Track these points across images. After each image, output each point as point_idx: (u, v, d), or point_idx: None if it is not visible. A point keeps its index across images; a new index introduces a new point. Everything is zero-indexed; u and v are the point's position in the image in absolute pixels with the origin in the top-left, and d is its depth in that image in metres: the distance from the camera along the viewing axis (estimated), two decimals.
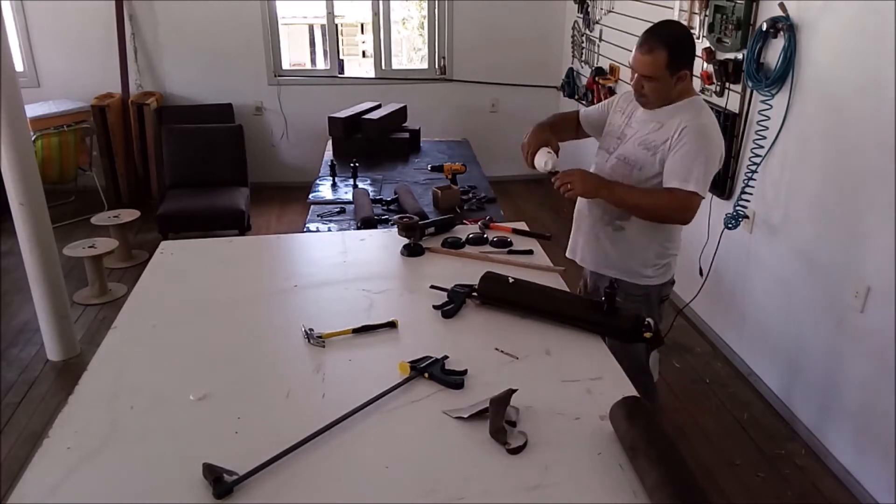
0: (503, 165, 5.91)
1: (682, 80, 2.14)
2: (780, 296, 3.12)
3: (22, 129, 3.20)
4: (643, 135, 2.22)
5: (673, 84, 2.14)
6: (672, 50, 2.08)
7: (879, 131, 2.47)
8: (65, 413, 1.59)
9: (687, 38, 2.17)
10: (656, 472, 1.32)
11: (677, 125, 2.13)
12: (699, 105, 2.20)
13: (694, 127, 2.11)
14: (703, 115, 2.17)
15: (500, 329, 1.95)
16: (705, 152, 2.11)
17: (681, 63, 2.11)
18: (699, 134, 2.11)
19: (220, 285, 2.23)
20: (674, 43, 2.10)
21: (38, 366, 3.49)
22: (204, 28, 5.54)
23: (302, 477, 1.39)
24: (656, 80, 2.12)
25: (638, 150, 2.22)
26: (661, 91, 2.16)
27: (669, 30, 2.17)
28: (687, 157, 2.10)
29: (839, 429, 2.78)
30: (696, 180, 2.09)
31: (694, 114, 2.15)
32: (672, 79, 2.12)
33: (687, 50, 2.14)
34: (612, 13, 4.75)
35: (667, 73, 2.10)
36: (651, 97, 2.19)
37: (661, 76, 2.11)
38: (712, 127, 2.17)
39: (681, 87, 2.17)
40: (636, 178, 2.22)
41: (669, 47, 2.08)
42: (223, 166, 4.96)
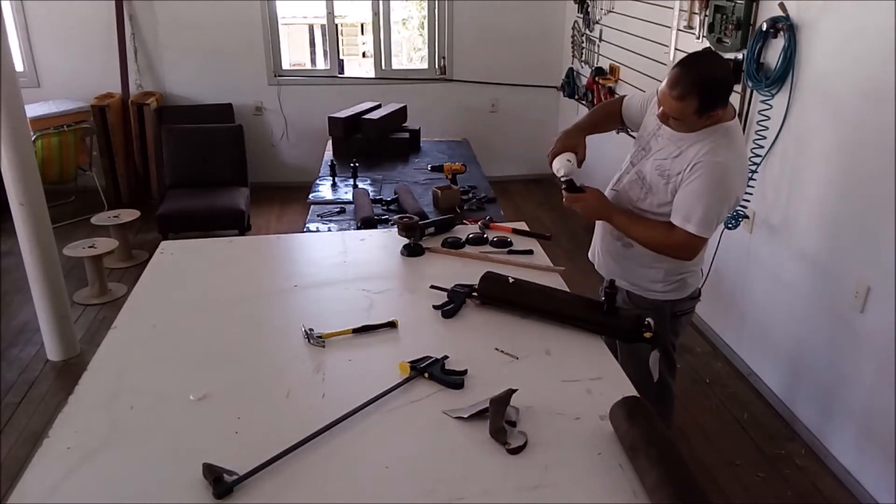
0: (503, 165, 5.92)
1: (712, 118, 1.97)
2: (780, 296, 3.12)
3: (22, 129, 3.20)
4: (662, 158, 2.09)
5: (704, 121, 1.97)
6: (704, 98, 1.90)
7: (879, 131, 2.47)
8: (65, 413, 1.59)
9: (722, 81, 1.95)
10: (656, 472, 1.32)
11: (693, 157, 1.99)
12: (725, 136, 2.00)
13: (708, 164, 1.96)
14: (725, 150, 1.98)
15: (500, 329, 1.95)
16: (715, 193, 1.97)
17: (713, 107, 1.93)
18: (712, 172, 1.96)
19: (220, 285, 2.23)
20: (707, 89, 1.90)
21: (38, 366, 3.49)
22: (204, 28, 5.54)
23: (302, 477, 1.39)
24: (683, 121, 1.98)
25: (654, 173, 2.10)
26: (689, 127, 2.00)
27: (704, 71, 1.92)
28: (692, 195, 1.98)
29: (839, 429, 2.78)
30: (697, 222, 1.99)
31: (714, 147, 1.97)
32: (702, 119, 1.96)
33: (722, 94, 1.94)
34: (612, 13, 4.75)
35: (695, 116, 1.94)
36: (676, 128, 2.03)
37: (690, 119, 1.96)
38: (731, 165, 1.99)
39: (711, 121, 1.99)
40: (648, 202, 2.13)
41: (701, 96, 1.89)
42: (223, 166, 4.96)
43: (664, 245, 2.10)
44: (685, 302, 2.31)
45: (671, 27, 3.89)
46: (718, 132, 2.00)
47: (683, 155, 2.03)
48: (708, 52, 2.07)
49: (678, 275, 2.23)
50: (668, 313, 2.27)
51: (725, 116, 2.02)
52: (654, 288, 2.24)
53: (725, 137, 2.00)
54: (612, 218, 2.17)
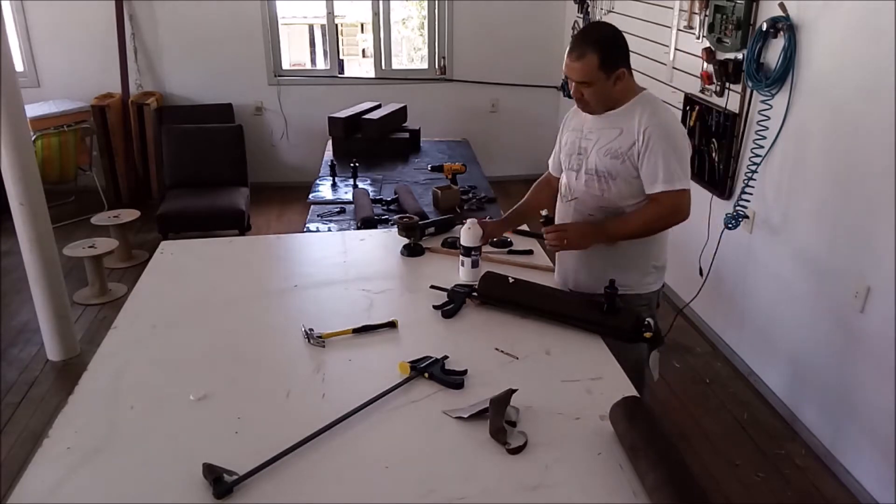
0: (503, 165, 5.91)
1: (620, 80, 2.06)
2: (781, 296, 3.12)
3: (22, 129, 3.20)
4: (605, 143, 2.13)
5: (612, 85, 2.06)
6: (603, 51, 2.01)
7: (879, 131, 2.47)
8: (65, 413, 1.59)
9: (616, 37, 2.09)
10: (656, 472, 1.32)
11: (638, 128, 2.06)
12: (650, 101, 2.12)
13: (656, 125, 2.05)
14: (660, 110, 2.10)
15: (500, 329, 1.95)
16: (676, 147, 2.06)
17: (615, 62, 2.03)
18: (664, 131, 2.05)
19: (220, 285, 2.23)
20: (603, 43, 2.03)
21: (38, 366, 3.49)
22: (204, 28, 5.54)
23: (302, 477, 1.39)
24: (594, 84, 2.05)
25: (605, 159, 2.12)
26: (602, 94, 2.08)
27: (598, 31, 2.12)
28: (662, 158, 2.03)
29: (839, 428, 2.78)
30: (679, 177, 2.04)
31: (650, 112, 2.07)
32: (610, 80, 2.04)
33: (618, 48, 2.06)
34: (612, 13, 4.74)
35: (602, 74, 2.02)
36: (593, 102, 2.10)
37: (597, 79, 2.03)
38: (672, 120, 2.14)
39: (622, 87, 2.08)
40: (615, 189, 2.13)
41: (600, 49, 2.01)
42: (223, 166, 4.96)
43: (664, 217, 2.10)
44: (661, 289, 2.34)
45: (671, 27, 3.89)
46: (644, 100, 2.10)
47: (626, 131, 2.08)
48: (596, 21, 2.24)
49: (660, 260, 2.26)
50: (655, 304, 2.29)
51: (636, 87, 2.13)
52: (646, 280, 2.23)
53: (652, 103, 2.11)
54: (606, 229, 2.12)
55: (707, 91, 3.56)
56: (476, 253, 2.20)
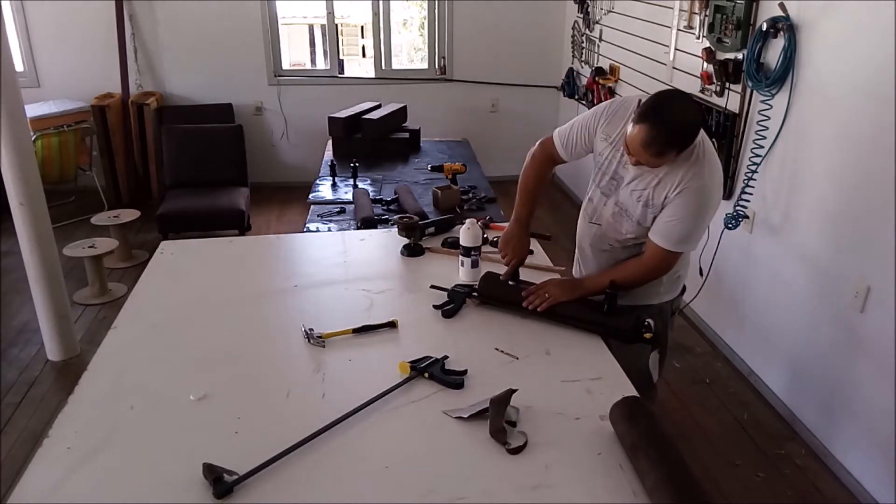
0: (503, 165, 5.89)
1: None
2: (781, 296, 3.12)
3: (22, 129, 3.20)
4: (640, 188, 1.99)
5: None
6: (682, 146, 1.83)
7: (879, 131, 2.47)
8: (65, 413, 1.59)
9: (694, 124, 1.86)
10: (656, 472, 1.32)
11: (676, 183, 1.90)
12: (703, 156, 1.92)
13: (693, 189, 1.89)
14: (706, 171, 1.91)
15: (500, 329, 1.95)
16: (699, 216, 1.94)
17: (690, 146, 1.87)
18: (700, 196, 1.90)
19: (220, 285, 2.23)
20: (682, 139, 1.82)
21: (38, 366, 3.49)
22: (204, 28, 5.54)
23: (302, 477, 1.39)
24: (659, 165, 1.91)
25: (637, 204, 2.00)
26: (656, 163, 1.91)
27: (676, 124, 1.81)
28: (684, 222, 1.93)
29: (839, 428, 2.78)
30: (677, 241, 1.95)
31: (697, 171, 1.89)
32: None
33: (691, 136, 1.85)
34: (612, 13, 4.74)
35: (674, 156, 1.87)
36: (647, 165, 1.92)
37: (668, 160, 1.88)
38: (714, 184, 1.93)
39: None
40: (640, 231, 2.03)
41: (679, 146, 1.82)
42: (223, 166, 4.96)
43: (651, 273, 2.04)
44: (678, 298, 2.31)
45: (671, 27, 3.88)
46: (697, 156, 1.91)
47: (663, 182, 1.94)
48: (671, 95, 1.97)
49: (676, 276, 2.21)
50: (669, 313, 2.27)
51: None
52: (658, 293, 2.19)
53: (704, 160, 1.92)
54: (585, 286, 2.06)
55: (707, 91, 3.55)
56: (476, 253, 2.20)
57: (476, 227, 2.21)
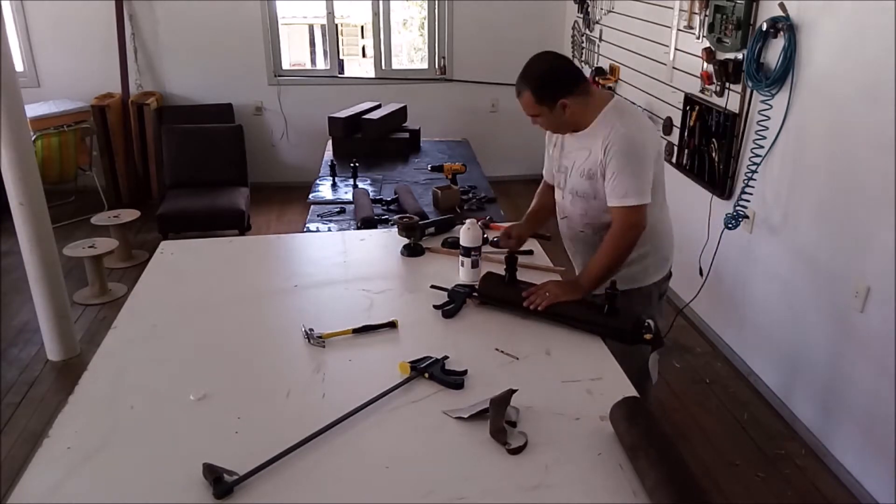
0: (503, 165, 5.91)
1: (567, 107, 2.06)
2: (780, 296, 3.12)
3: (22, 129, 3.20)
4: (579, 165, 2.16)
5: (561, 114, 2.07)
6: (536, 88, 2.05)
7: (879, 131, 2.47)
8: (65, 413, 1.59)
9: (553, 70, 2.09)
10: (656, 472, 1.32)
11: (602, 146, 2.05)
12: (615, 114, 2.09)
13: (615, 140, 2.03)
14: (623, 122, 2.07)
15: (500, 329, 1.96)
16: (633, 161, 2.04)
17: (552, 96, 2.05)
18: (623, 145, 2.03)
19: (220, 285, 2.23)
20: (537, 81, 2.06)
21: (38, 366, 3.49)
22: (204, 28, 5.54)
23: (302, 477, 1.39)
24: (541, 116, 2.10)
25: (582, 181, 2.16)
26: (554, 123, 2.13)
27: (532, 68, 2.09)
28: (619, 174, 2.03)
29: (839, 428, 2.78)
30: (632, 193, 2.03)
31: (613, 127, 2.05)
32: (554, 111, 2.06)
33: (553, 82, 2.06)
34: (612, 13, 4.75)
35: (544, 108, 2.07)
36: (551, 128, 2.18)
37: (540, 112, 2.09)
38: (635, 130, 2.07)
39: (575, 112, 2.08)
40: (597, 206, 2.15)
41: (533, 87, 2.05)
42: (223, 166, 4.96)
43: (623, 238, 2.07)
44: (664, 282, 2.34)
45: (671, 27, 3.88)
46: (606, 115, 2.08)
47: (593, 151, 2.09)
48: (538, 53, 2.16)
49: (660, 252, 2.27)
50: (657, 298, 2.29)
51: (598, 103, 2.10)
52: (646, 273, 2.25)
53: (613, 114, 2.09)
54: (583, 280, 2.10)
55: (707, 91, 3.55)
56: (476, 253, 2.20)
57: (476, 227, 2.21)
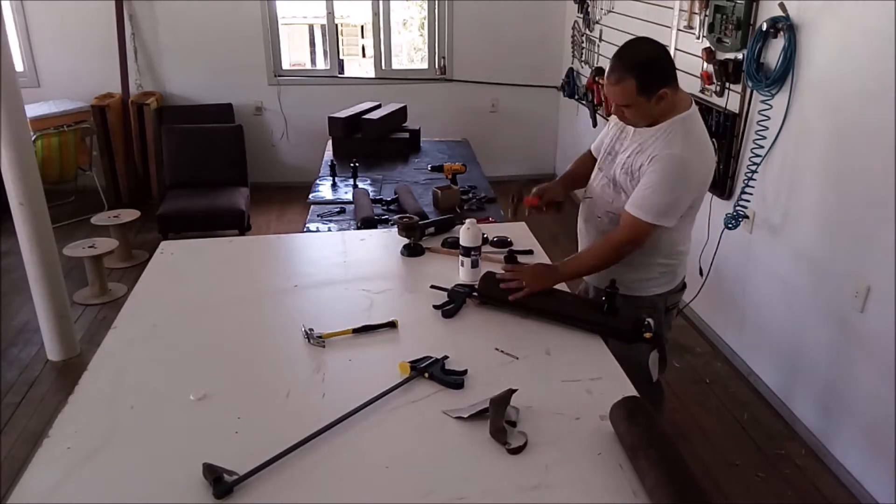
0: (503, 165, 5.91)
1: (663, 99, 1.98)
2: (781, 296, 3.12)
3: (22, 129, 3.20)
4: (627, 157, 2.11)
5: (654, 105, 1.99)
6: (640, 76, 1.94)
7: (879, 131, 2.47)
8: (65, 413, 1.59)
9: (655, 58, 2.00)
10: (656, 472, 1.32)
11: (651, 153, 2.01)
12: (682, 126, 2.02)
13: (664, 158, 1.97)
14: (681, 140, 1.99)
15: (500, 329, 1.95)
16: (672, 185, 1.98)
17: (654, 85, 1.95)
18: (672, 166, 1.97)
19: (220, 285, 2.23)
20: (642, 67, 1.95)
21: (38, 366, 3.49)
22: (204, 28, 5.54)
23: (302, 477, 1.39)
24: (633, 107, 2.00)
25: (621, 174, 2.12)
26: (644, 114, 2.03)
27: (635, 52, 2.00)
28: (647, 188, 1.99)
29: (839, 428, 2.78)
30: (648, 210, 1.98)
31: (670, 139, 1.99)
32: (650, 101, 1.98)
33: (657, 70, 1.98)
34: (612, 13, 4.75)
35: (641, 98, 1.97)
36: (633, 120, 2.07)
37: (636, 102, 1.98)
38: (687, 155, 1.99)
39: (666, 105, 2.01)
40: (620, 202, 2.11)
41: (638, 73, 1.94)
42: (223, 166, 4.96)
43: (619, 246, 2.05)
44: (675, 294, 2.31)
45: (671, 27, 3.88)
46: (675, 124, 2.02)
47: (644, 150, 2.05)
48: (637, 38, 2.12)
49: (668, 266, 2.21)
50: (662, 309, 2.27)
51: (680, 105, 2.05)
52: (649, 283, 2.22)
53: (682, 127, 2.02)
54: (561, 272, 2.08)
55: (707, 91, 3.55)
56: (476, 253, 2.20)
57: (476, 227, 2.21)
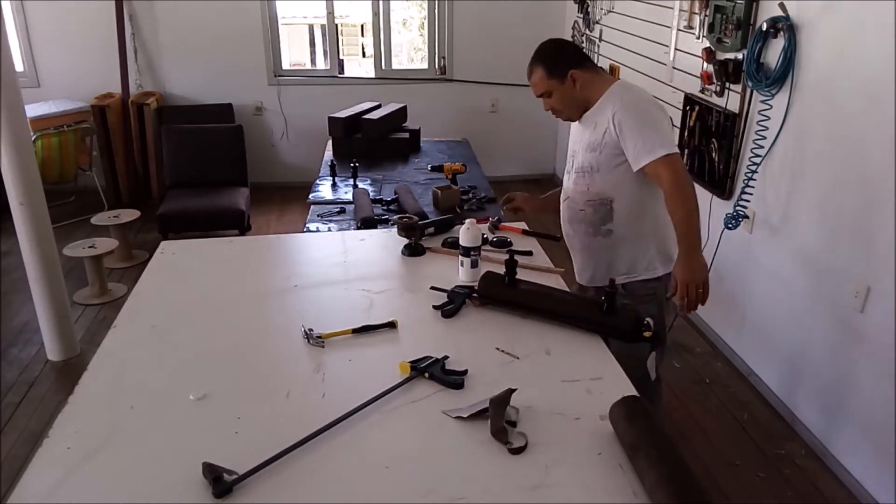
0: (503, 165, 5.91)
1: (577, 80, 2.18)
2: (780, 296, 3.12)
3: (22, 129, 3.20)
4: (586, 141, 2.24)
5: (572, 87, 2.19)
6: (546, 62, 2.20)
7: (879, 131, 2.47)
8: (65, 413, 1.59)
9: (559, 46, 2.28)
10: (656, 472, 1.32)
11: (609, 117, 2.13)
12: (619, 89, 2.19)
13: (622, 107, 2.11)
14: (627, 93, 2.17)
15: (500, 329, 1.95)
16: (647, 119, 2.10)
17: (562, 68, 2.18)
18: (631, 110, 2.11)
19: (220, 285, 2.23)
20: (545, 55, 2.21)
21: (38, 366, 3.49)
22: (204, 28, 5.54)
23: (302, 477, 1.39)
24: (553, 92, 2.22)
25: (587, 155, 2.23)
26: (566, 99, 2.22)
27: (540, 47, 2.26)
28: (637, 133, 2.08)
29: (839, 428, 2.78)
30: (658, 145, 2.06)
31: (617, 98, 2.15)
32: (566, 84, 2.19)
33: (558, 55, 2.22)
34: (612, 13, 4.75)
35: (555, 82, 2.19)
36: (563, 109, 2.26)
37: (552, 87, 2.21)
38: (639, 97, 2.17)
39: (585, 86, 2.19)
40: (599, 180, 2.21)
41: (542, 61, 2.20)
42: (223, 166, 4.96)
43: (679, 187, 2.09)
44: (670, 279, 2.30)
45: (671, 27, 3.89)
46: (613, 91, 2.17)
47: (598, 123, 2.17)
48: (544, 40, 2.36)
49: (660, 240, 2.27)
50: (663, 295, 2.29)
51: (604, 83, 2.20)
52: (653, 265, 2.27)
53: (620, 88, 2.19)
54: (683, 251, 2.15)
55: (707, 91, 3.56)
56: (475, 253, 2.20)
57: (476, 227, 2.21)
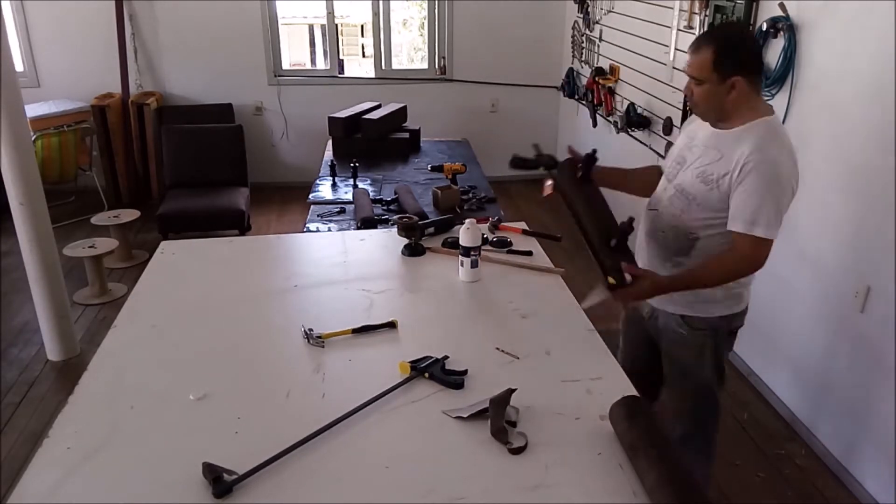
0: (503, 165, 5.82)
1: (735, 90, 1.87)
2: (780, 295, 3.12)
3: (22, 129, 3.20)
4: (703, 164, 1.97)
5: (725, 92, 1.88)
6: (720, 49, 1.85)
7: (879, 131, 2.47)
8: (65, 413, 1.59)
9: (742, 40, 1.94)
10: (656, 472, 1.32)
11: (739, 159, 1.86)
12: (767, 130, 1.90)
13: (758, 163, 1.84)
14: (771, 144, 1.87)
15: (500, 329, 1.96)
16: (773, 191, 1.86)
17: (730, 65, 1.85)
18: (765, 171, 1.84)
19: (220, 285, 2.23)
20: (723, 42, 1.88)
21: (38, 366, 3.49)
22: (204, 28, 5.54)
23: (302, 477, 1.39)
24: (704, 84, 1.89)
25: (696, 182, 1.97)
26: (712, 98, 1.91)
27: (722, 29, 1.98)
28: (751, 198, 1.85)
29: (839, 429, 2.78)
30: (764, 224, 1.86)
31: (759, 143, 1.86)
32: (723, 85, 1.87)
33: (739, 51, 1.89)
34: (612, 13, 4.75)
35: (714, 75, 1.86)
36: (701, 104, 1.95)
37: (708, 78, 1.88)
38: (783, 158, 1.88)
39: (737, 99, 1.89)
40: (691, 213, 1.98)
41: (717, 46, 1.86)
42: (223, 166, 4.96)
43: (736, 264, 1.94)
44: (739, 317, 2.17)
45: (671, 27, 3.88)
46: (759, 128, 1.90)
47: (726, 157, 1.91)
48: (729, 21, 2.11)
49: (735, 288, 2.08)
50: (724, 332, 2.16)
51: (759, 109, 1.94)
52: (712, 305, 2.08)
53: (768, 132, 1.90)
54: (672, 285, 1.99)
55: None
56: (476, 253, 2.20)
57: (476, 227, 2.21)
